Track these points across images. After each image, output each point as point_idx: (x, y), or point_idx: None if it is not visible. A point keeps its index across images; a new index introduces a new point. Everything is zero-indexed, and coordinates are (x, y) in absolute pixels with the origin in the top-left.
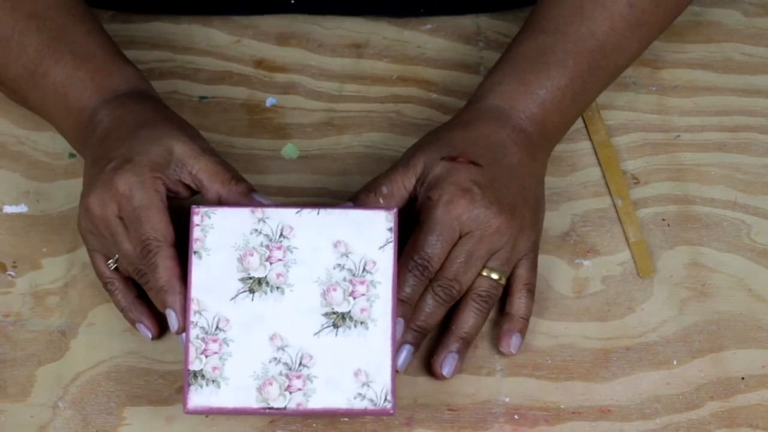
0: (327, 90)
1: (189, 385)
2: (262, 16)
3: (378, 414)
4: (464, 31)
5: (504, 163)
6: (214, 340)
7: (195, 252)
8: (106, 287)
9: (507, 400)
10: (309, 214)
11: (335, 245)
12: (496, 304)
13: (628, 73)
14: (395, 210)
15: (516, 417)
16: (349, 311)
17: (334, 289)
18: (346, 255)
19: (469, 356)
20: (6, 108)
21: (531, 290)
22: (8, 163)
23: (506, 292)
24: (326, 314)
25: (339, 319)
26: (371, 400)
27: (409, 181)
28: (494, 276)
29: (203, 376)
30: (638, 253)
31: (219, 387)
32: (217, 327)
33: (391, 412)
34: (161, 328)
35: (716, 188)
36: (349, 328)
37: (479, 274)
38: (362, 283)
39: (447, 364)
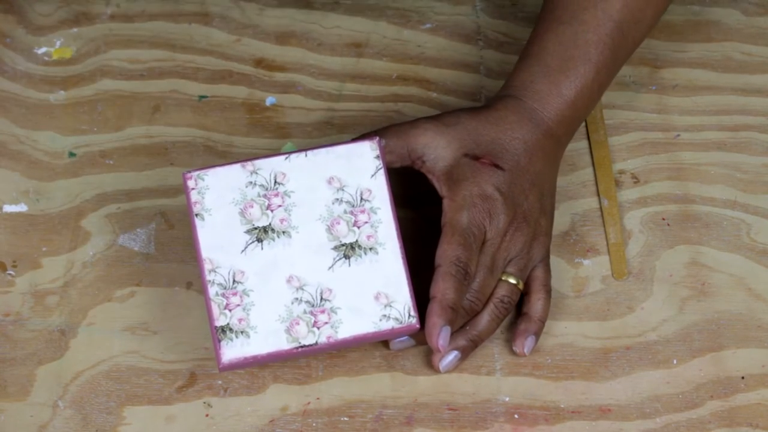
0: (327, 89)
1: (219, 341)
2: (261, 15)
3: (405, 331)
4: (464, 31)
5: (527, 170)
6: (234, 294)
7: (196, 215)
8: None
9: (507, 399)
10: (297, 158)
11: (329, 181)
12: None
13: (628, 72)
14: (377, 138)
15: (516, 416)
16: (357, 240)
17: (338, 223)
18: (341, 189)
19: (470, 355)
20: (6, 107)
21: (549, 291)
22: (8, 162)
23: (524, 292)
24: (335, 248)
25: (349, 250)
26: (396, 319)
27: (413, 150)
28: (512, 281)
29: (231, 330)
30: (615, 254)
31: (249, 337)
32: (233, 280)
33: (417, 326)
34: None
35: (716, 187)
36: (360, 256)
37: (499, 279)
38: (363, 211)
39: (445, 359)
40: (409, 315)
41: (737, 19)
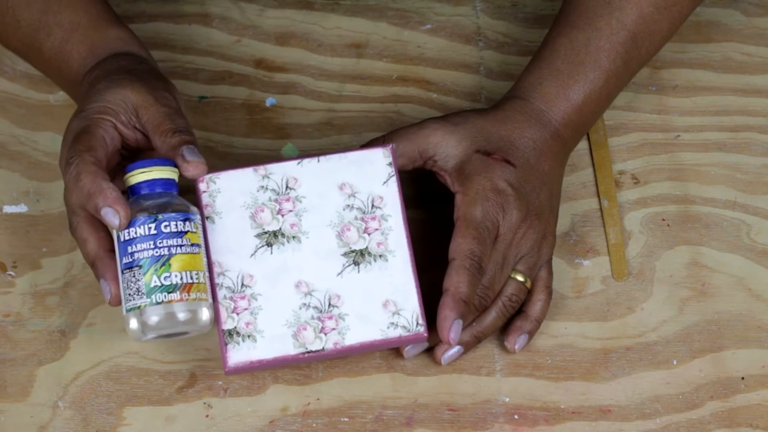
0: (327, 90)
1: (226, 344)
2: (261, 16)
3: (412, 340)
4: (464, 31)
5: (537, 168)
6: (242, 297)
7: (207, 218)
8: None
9: (507, 400)
10: (310, 163)
11: (341, 188)
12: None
13: None
14: (391, 146)
15: (516, 417)
16: (367, 247)
17: (348, 229)
18: (353, 195)
19: (469, 356)
20: (6, 108)
21: (550, 293)
22: (8, 163)
23: None
24: (345, 254)
25: (358, 257)
26: (404, 327)
27: (424, 151)
28: (520, 278)
29: (238, 333)
30: (615, 255)
31: (255, 341)
32: (242, 284)
33: (425, 335)
34: None
35: (716, 188)
36: (370, 263)
37: (508, 276)
38: (373, 218)
39: (448, 352)
40: (417, 323)
41: (737, 20)
